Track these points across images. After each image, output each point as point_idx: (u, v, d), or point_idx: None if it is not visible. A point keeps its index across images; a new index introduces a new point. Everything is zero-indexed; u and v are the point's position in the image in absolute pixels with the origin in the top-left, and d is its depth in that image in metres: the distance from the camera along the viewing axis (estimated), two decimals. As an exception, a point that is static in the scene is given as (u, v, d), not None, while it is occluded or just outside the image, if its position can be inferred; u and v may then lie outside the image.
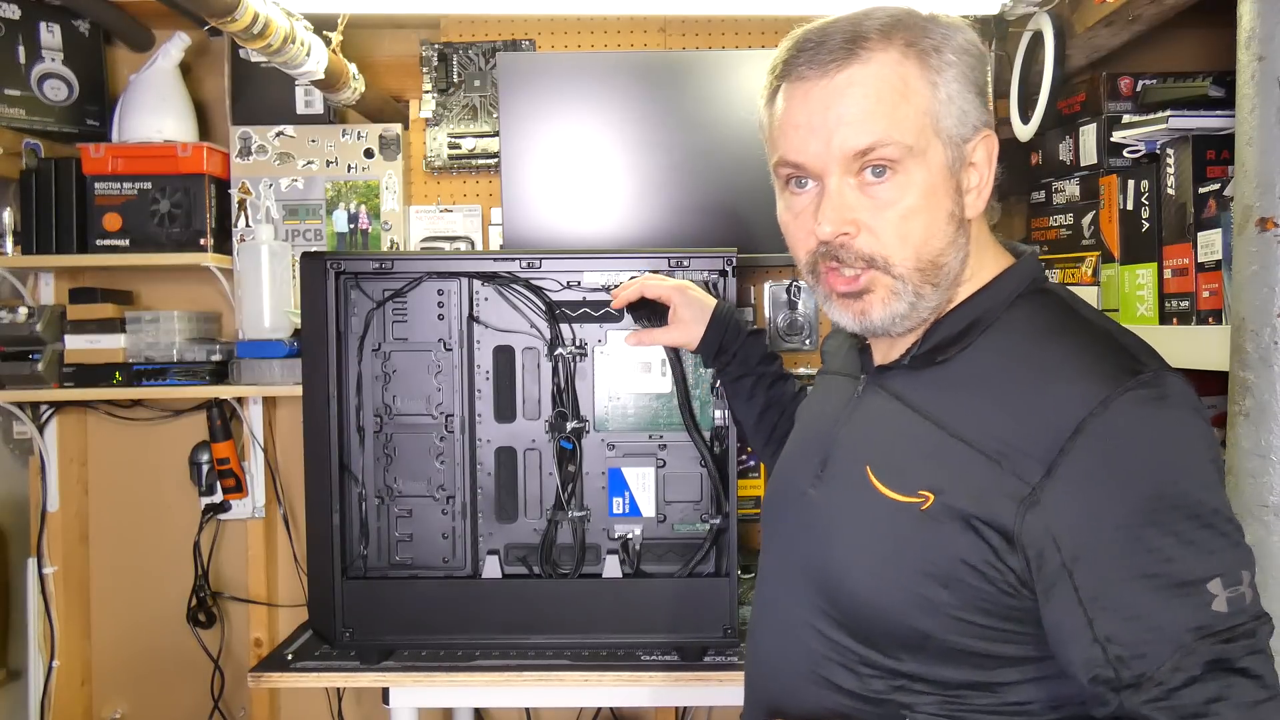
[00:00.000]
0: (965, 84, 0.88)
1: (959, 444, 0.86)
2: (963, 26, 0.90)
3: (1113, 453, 0.79)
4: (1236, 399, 1.04)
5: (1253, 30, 1.02)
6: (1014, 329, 0.90)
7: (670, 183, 1.97)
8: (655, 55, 2.08)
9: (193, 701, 2.25)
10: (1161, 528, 0.77)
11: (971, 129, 0.89)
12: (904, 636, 0.88)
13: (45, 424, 2.17)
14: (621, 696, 1.79)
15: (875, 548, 0.90)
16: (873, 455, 0.93)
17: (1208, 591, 0.76)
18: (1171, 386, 0.81)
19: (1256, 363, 1.01)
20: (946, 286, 0.91)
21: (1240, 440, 1.03)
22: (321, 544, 1.60)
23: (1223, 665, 0.75)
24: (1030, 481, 0.80)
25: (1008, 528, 0.82)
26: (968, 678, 0.87)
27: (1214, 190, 1.30)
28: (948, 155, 0.88)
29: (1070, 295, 0.93)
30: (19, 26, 2.02)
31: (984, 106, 0.90)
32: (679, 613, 1.59)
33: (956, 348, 0.91)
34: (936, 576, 0.85)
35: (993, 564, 0.83)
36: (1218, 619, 0.76)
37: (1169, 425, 0.80)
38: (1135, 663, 0.77)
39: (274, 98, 2.11)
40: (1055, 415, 0.81)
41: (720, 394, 1.60)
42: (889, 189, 0.87)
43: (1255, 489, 1.01)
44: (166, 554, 2.23)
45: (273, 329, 2.02)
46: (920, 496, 0.87)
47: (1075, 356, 0.84)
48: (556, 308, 1.64)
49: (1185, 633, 0.76)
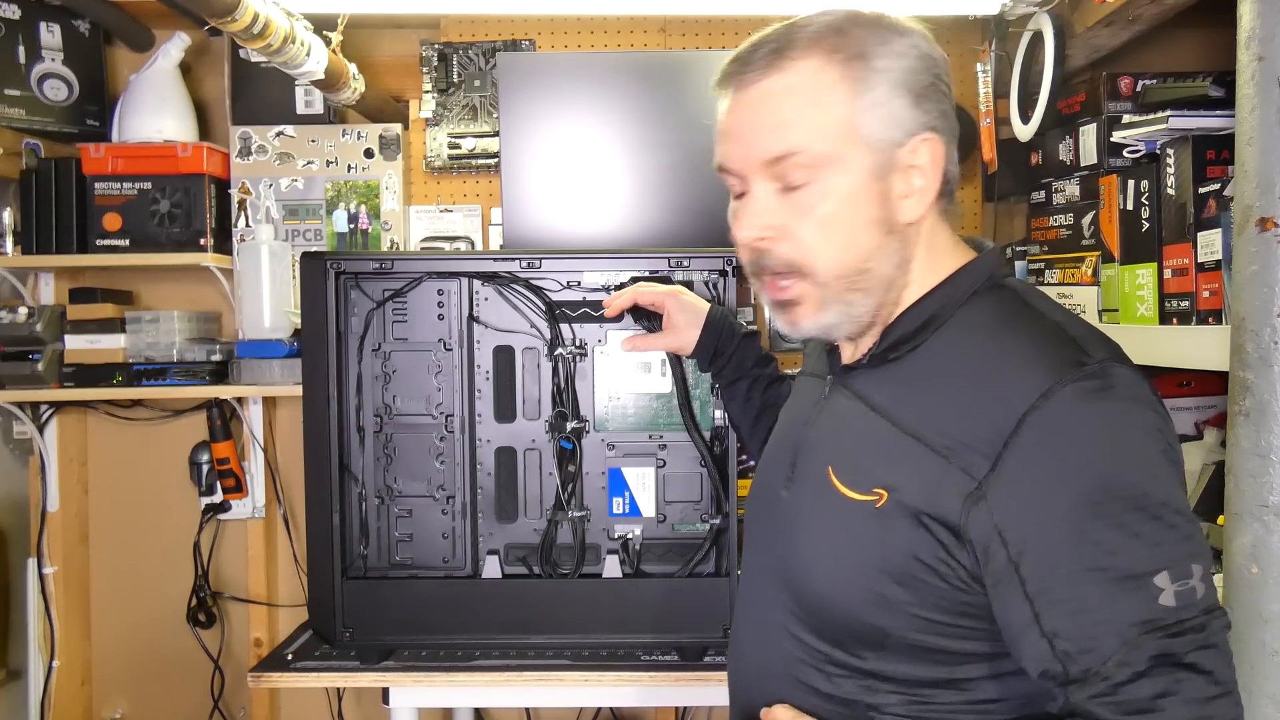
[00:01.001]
0: (895, 89, 0.86)
1: (911, 441, 0.86)
2: (906, 30, 0.89)
3: (1054, 445, 0.78)
4: (1236, 399, 1.04)
5: (1253, 30, 1.02)
6: (967, 325, 0.89)
7: (670, 183, 1.97)
8: (655, 55, 2.08)
9: (193, 701, 2.25)
10: (1105, 520, 0.76)
11: (904, 133, 0.87)
12: (865, 634, 0.89)
13: (45, 424, 2.17)
14: (621, 696, 1.79)
15: (835, 547, 0.91)
16: (834, 455, 0.93)
17: (1154, 585, 0.75)
18: (1117, 377, 0.80)
19: (1256, 363, 1.01)
20: (881, 291, 0.90)
21: (1240, 440, 1.03)
22: (321, 544, 1.60)
23: (1170, 660, 0.75)
24: (976, 476, 0.80)
25: (955, 523, 0.82)
26: (931, 675, 0.87)
27: (1214, 190, 1.30)
28: (871, 162, 0.87)
29: (1028, 290, 0.93)
30: (19, 26, 2.02)
31: (924, 110, 0.88)
32: (679, 613, 1.59)
33: (910, 345, 0.91)
34: (892, 574, 0.86)
35: (944, 560, 0.83)
36: (1165, 613, 0.75)
37: (1111, 416, 0.79)
38: (1081, 657, 0.76)
39: (274, 98, 2.11)
40: (999, 409, 0.81)
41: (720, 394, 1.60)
42: (807, 195, 0.87)
43: (1255, 489, 1.01)
44: (166, 554, 2.23)
45: (273, 329, 2.02)
46: (875, 495, 0.87)
47: (1021, 350, 0.84)
48: (556, 308, 1.64)
49: (1130, 627, 0.75)
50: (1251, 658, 1.01)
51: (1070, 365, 0.80)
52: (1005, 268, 0.95)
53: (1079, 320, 0.89)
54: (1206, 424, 1.64)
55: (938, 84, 0.90)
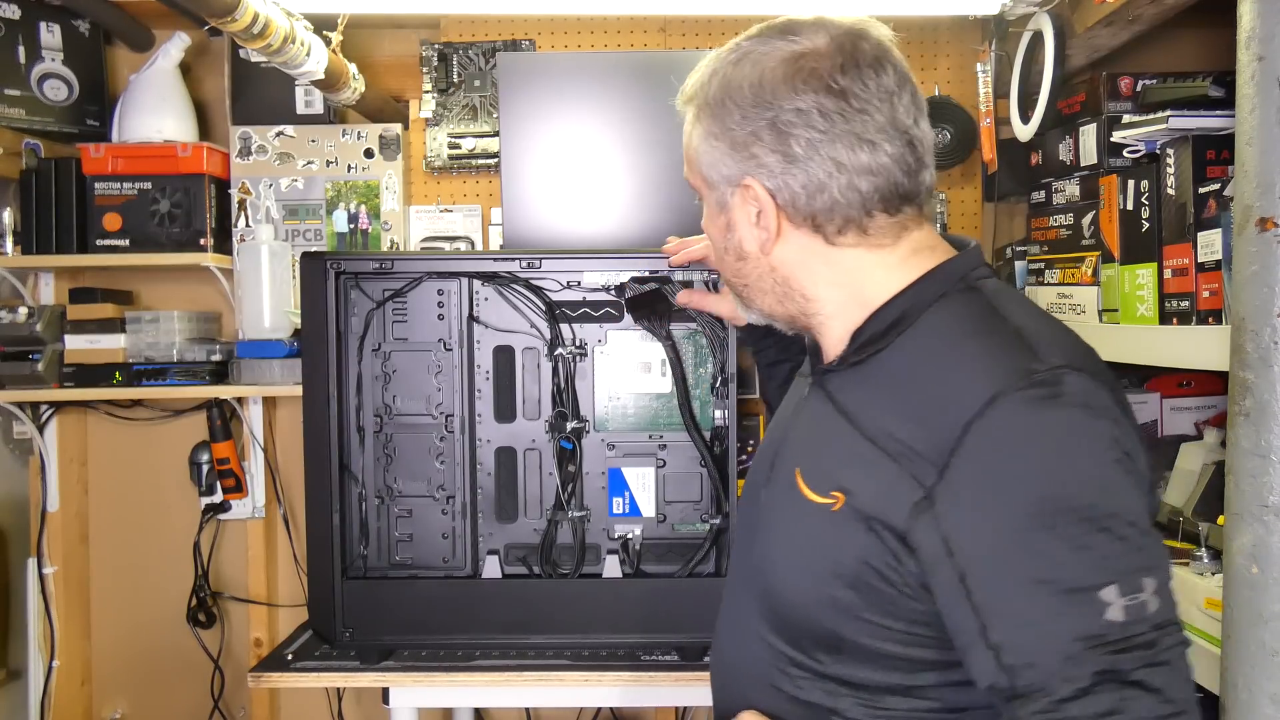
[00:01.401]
0: (716, 137, 0.92)
1: (868, 444, 0.85)
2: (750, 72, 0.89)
3: (997, 454, 0.77)
4: (1236, 399, 1.04)
5: (1253, 30, 1.02)
6: (930, 328, 0.88)
7: (670, 183, 1.96)
8: (655, 55, 2.08)
9: (193, 701, 2.25)
10: (1050, 532, 0.75)
11: (727, 177, 0.93)
12: (823, 638, 0.89)
13: (45, 424, 2.17)
14: (621, 696, 1.79)
15: (796, 549, 0.92)
16: (803, 457, 0.94)
17: (1100, 600, 0.73)
18: (1067, 385, 0.78)
19: (1256, 363, 1.01)
20: (775, 302, 0.97)
21: (1240, 440, 1.03)
22: (321, 544, 1.60)
23: (1116, 677, 0.72)
24: (925, 484, 0.79)
25: (902, 530, 0.81)
26: (888, 681, 0.87)
27: (1214, 190, 1.30)
28: (714, 198, 0.97)
29: (999, 292, 0.91)
30: (19, 26, 2.02)
31: (743, 157, 0.90)
32: (679, 613, 1.59)
33: (876, 348, 0.90)
34: (844, 578, 0.85)
35: (893, 567, 0.82)
36: (1111, 628, 0.73)
37: (1057, 425, 0.77)
38: (1026, 672, 0.74)
39: (274, 98, 2.11)
40: (947, 416, 0.79)
41: (720, 394, 1.60)
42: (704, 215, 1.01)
43: (1255, 489, 1.01)
44: (166, 554, 2.23)
45: (273, 329, 2.02)
46: (833, 498, 0.87)
47: (974, 356, 0.83)
48: (556, 308, 1.64)
49: (1074, 641, 0.73)
50: (1251, 658, 1.01)
51: (1018, 372, 0.79)
52: (982, 269, 0.93)
53: (1047, 324, 0.87)
54: (1206, 424, 1.64)
55: (772, 131, 0.88)
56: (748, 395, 2.09)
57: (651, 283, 1.60)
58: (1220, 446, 1.44)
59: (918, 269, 0.91)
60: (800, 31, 0.89)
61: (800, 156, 0.88)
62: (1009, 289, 0.93)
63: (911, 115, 0.89)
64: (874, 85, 0.87)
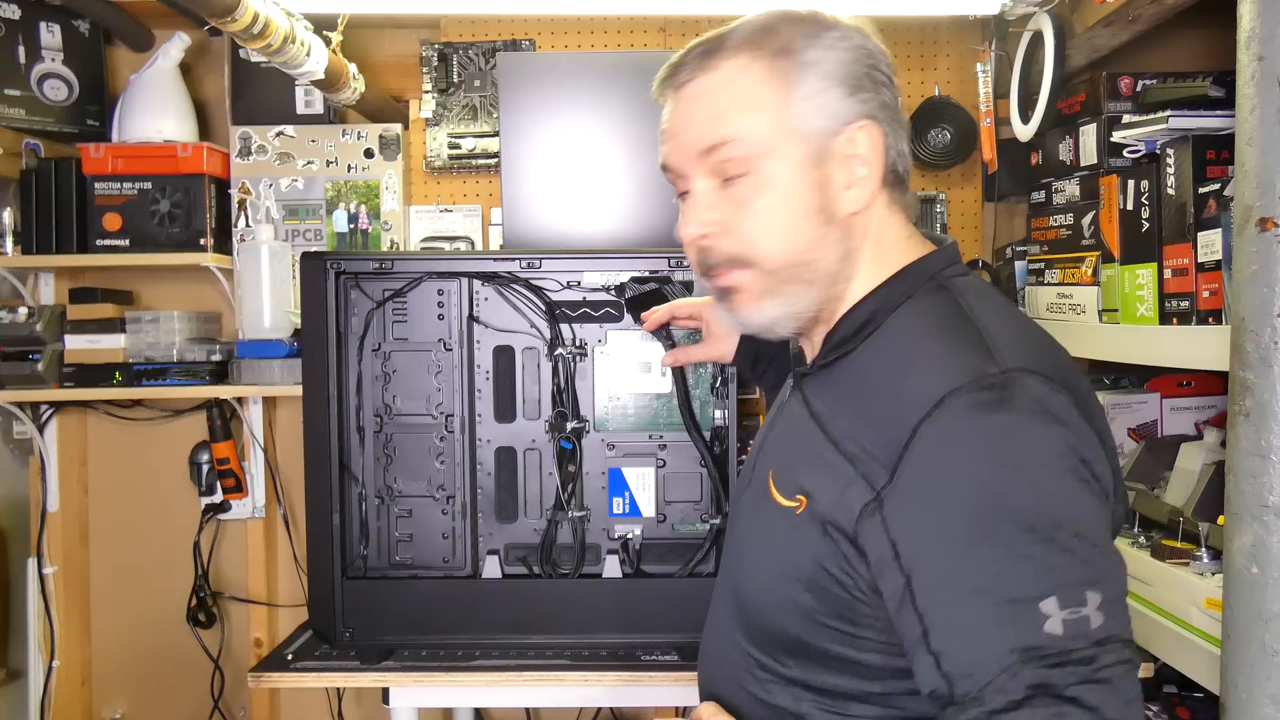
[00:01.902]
0: (827, 80, 0.87)
1: (831, 447, 0.85)
2: (838, 24, 0.89)
3: (942, 458, 0.76)
4: (1236, 399, 1.04)
5: (1253, 30, 1.02)
6: (896, 330, 0.87)
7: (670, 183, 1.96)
8: (655, 55, 2.08)
9: (193, 701, 2.25)
10: (993, 540, 0.73)
11: (839, 122, 0.87)
12: (785, 641, 0.88)
13: (45, 424, 2.17)
14: (621, 696, 1.79)
15: (763, 552, 0.91)
16: (776, 460, 0.93)
17: (1040, 611, 0.71)
18: (1020, 389, 0.77)
19: (1256, 363, 1.01)
20: (825, 284, 0.89)
21: (1240, 440, 1.03)
22: (321, 544, 1.60)
23: (1049, 691, 0.70)
24: (875, 486, 0.79)
25: (853, 534, 0.80)
26: (850, 687, 0.86)
27: (1214, 190, 1.30)
28: (807, 151, 0.87)
29: (970, 290, 0.89)
30: (19, 26, 2.02)
31: (859, 99, 0.87)
32: (679, 613, 1.59)
33: (846, 349, 0.89)
34: (802, 581, 0.85)
35: (846, 570, 0.82)
36: (1050, 641, 0.71)
37: (1003, 430, 0.76)
38: (962, 680, 0.73)
39: (274, 98, 2.11)
40: (898, 418, 0.78)
41: (720, 394, 1.60)
42: (745, 188, 0.87)
43: (1255, 489, 1.01)
44: (166, 554, 2.23)
45: (273, 329, 2.02)
46: (796, 501, 0.86)
47: (929, 358, 0.82)
48: (556, 308, 1.64)
49: (1010, 653, 0.71)
50: (1252, 658, 1.01)
51: (968, 374, 0.77)
52: (955, 266, 0.92)
53: (1015, 324, 0.86)
54: (1206, 424, 1.64)
55: (874, 74, 0.89)
56: (748, 395, 2.09)
57: (651, 283, 1.60)
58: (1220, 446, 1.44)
59: (897, 261, 0.91)
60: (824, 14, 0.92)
61: (888, 101, 0.90)
62: (982, 287, 0.91)
63: None
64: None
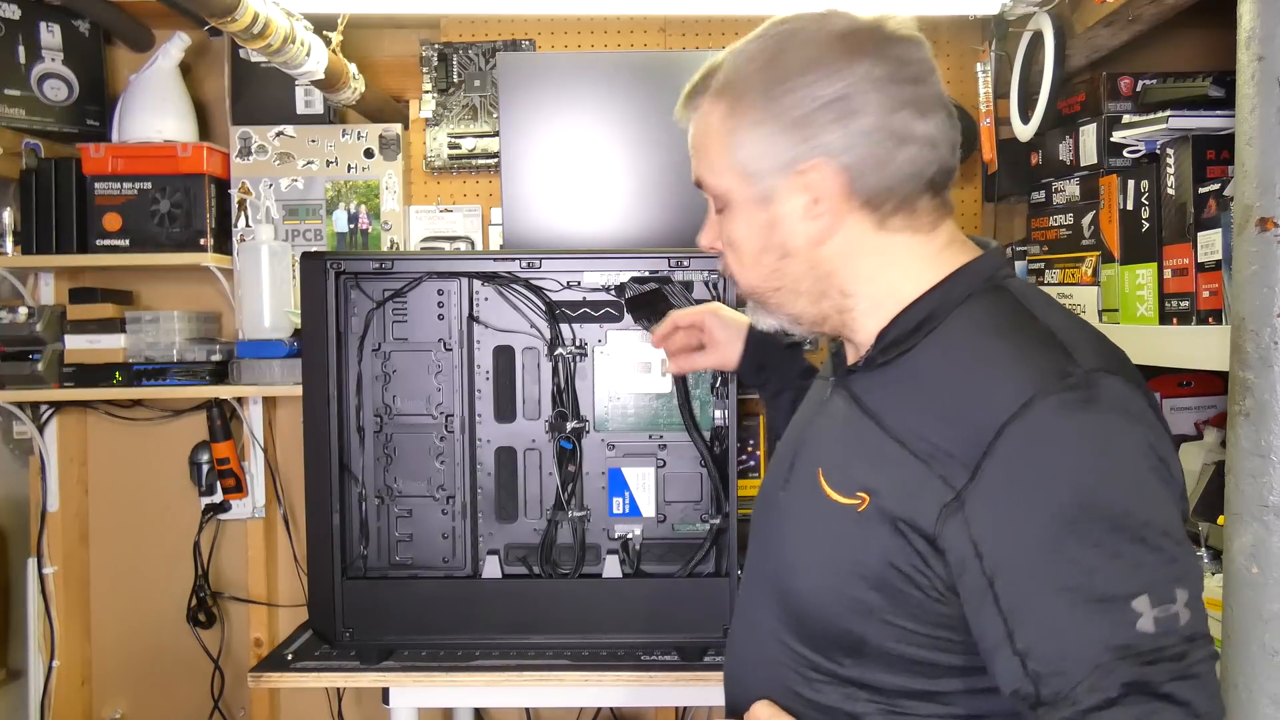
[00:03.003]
0: (772, 124, 0.87)
1: (895, 445, 0.84)
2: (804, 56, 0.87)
3: (1032, 458, 0.76)
4: (1236, 399, 1.04)
5: (1253, 30, 1.02)
6: (960, 328, 0.87)
7: (670, 183, 1.97)
8: (655, 55, 2.08)
9: (193, 701, 2.25)
10: (1083, 538, 0.73)
11: (781, 164, 0.88)
12: (843, 641, 0.88)
13: (45, 424, 2.17)
14: (621, 696, 1.79)
15: (817, 550, 0.91)
16: (825, 457, 0.93)
17: (1132, 609, 0.72)
18: (1104, 389, 0.77)
19: (1256, 363, 1.01)
20: (811, 301, 0.93)
21: (1240, 440, 1.03)
22: (321, 544, 1.60)
23: (1144, 689, 0.71)
24: (955, 486, 0.78)
25: (931, 532, 0.80)
26: (910, 686, 0.86)
27: (1214, 190, 1.30)
28: (753, 193, 0.90)
29: (1027, 291, 0.90)
30: (19, 26, 2.02)
31: (802, 137, 0.86)
32: (679, 613, 1.59)
33: (903, 348, 0.89)
34: (868, 579, 0.85)
35: (919, 569, 0.82)
36: (1142, 639, 0.71)
37: (1092, 430, 0.76)
38: (1052, 679, 0.73)
39: (274, 98, 2.11)
40: (980, 418, 0.78)
41: (720, 394, 1.60)
42: (724, 220, 0.95)
43: (1255, 489, 1.01)
44: (166, 554, 2.23)
45: (273, 329, 2.02)
46: (858, 498, 0.86)
47: (1007, 357, 0.81)
48: (556, 308, 1.64)
49: (1104, 651, 0.72)
50: (1252, 658, 1.01)
51: (1054, 375, 0.78)
52: (1007, 268, 0.93)
53: (1078, 325, 0.87)
54: (1206, 424, 1.64)
55: (839, 103, 0.86)
56: (748, 395, 2.09)
57: (651, 283, 1.60)
58: (1220, 446, 1.44)
59: (948, 264, 0.90)
60: (828, 17, 0.90)
61: (864, 129, 0.86)
62: (1035, 289, 0.92)
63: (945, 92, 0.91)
64: (919, 56, 0.88)
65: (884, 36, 0.88)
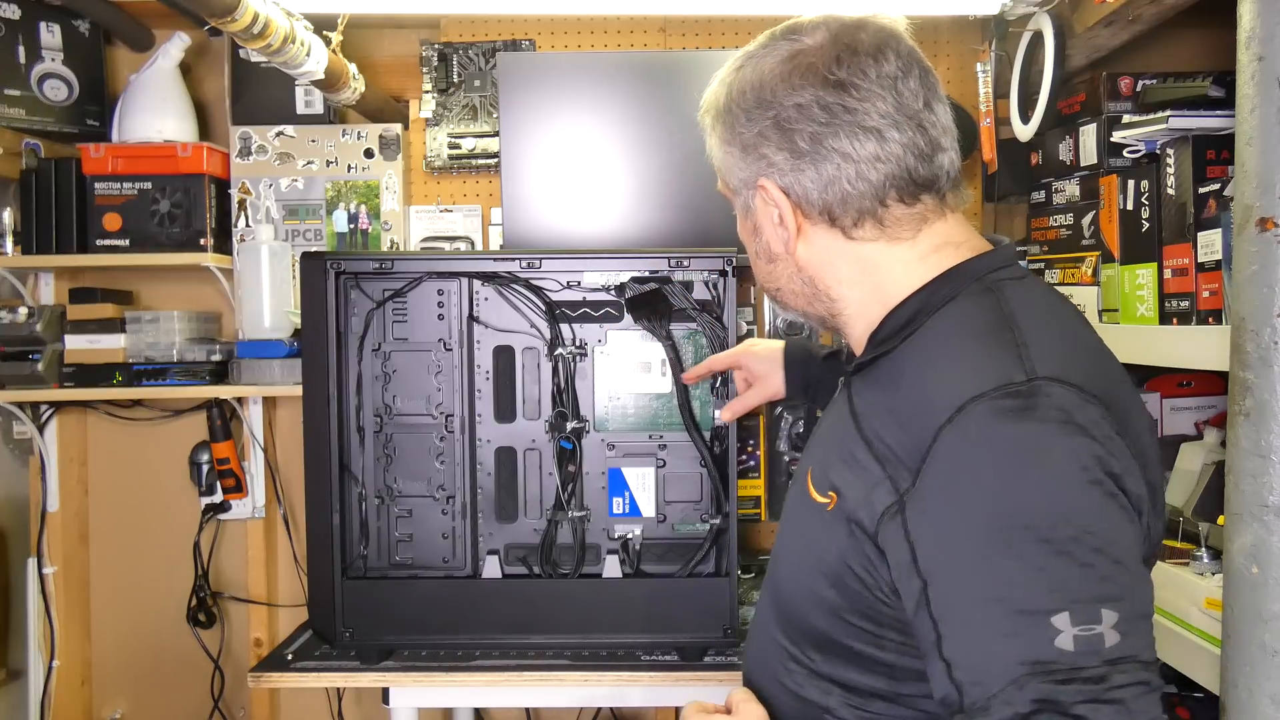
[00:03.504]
0: (733, 144, 0.94)
1: (864, 446, 0.85)
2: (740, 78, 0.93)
3: (960, 464, 0.76)
4: (1236, 399, 1.04)
5: (1253, 30, 1.02)
6: (936, 330, 0.87)
7: (670, 183, 1.97)
8: (655, 55, 2.08)
9: (193, 701, 2.25)
10: (1008, 550, 0.72)
11: (745, 181, 0.95)
12: (814, 635, 0.90)
13: (45, 424, 2.17)
14: (621, 696, 1.79)
15: (796, 547, 0.95)
16: (816, 457, 0.95)
17: (1051, 625, 0.70)
18: (1045, 398, 0.76)
19: (1256, 363, 1.01)
20: (805, 302, 0.97)
21: (1240, 440, 1.03)
22: (321, 544, 1.60)
23: (1055, 708, 0.69)
24: (899, 489, 0.79)
25: (874, 534, 0.81)
26: (873, 685, 0.87)
27: (1214, 190, 1.30)
28: (739, 203, 0.98)
29: (1017, 292, 0.87)
30: (19, 26, 2.02)
31: (753, 159, 0.92)
32: (679, 613, 1.59)
33: (887, 348, 0.89)
34: (828, 576, 0.87)
35: (868, 569, 0.83)
36: (1059, 656, 0.70)
37: (1025, 439, 0.75)
38: (972, 689, 0.73)
39: (274, 98, 2.11)
40: (924, 421, 0.78)
41: (720, 394, 1.60)
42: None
43: (1255, 489, 1.01)
44: (166, 554, 2.23)
45: (273, 329, 2.02)
46: (829, 497, 0.88)
47: (961, 361, 0.81)
48: (556, 308, 1.64)
49: (1018, 665, 0.70)
50: (1252, 658, 1.01)
51: (993, 380, 0.77)
52: (1010, 268, 0.90)
53: (1059, 332, 0.85)
54: (1206, 424, 1.64)
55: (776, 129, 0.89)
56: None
57: (651, 283, 1.60)
58: (1220, 446, 1.44)
59: (937, 266, 0.90)
60: (801, 31, 0.91)
61: (806, 151, 0.89)
62: (1036, 291, 0.90)
63: (920, 99, 0.89)
64: (874, 73, 0.88)
65: (834, 57, 0.88)
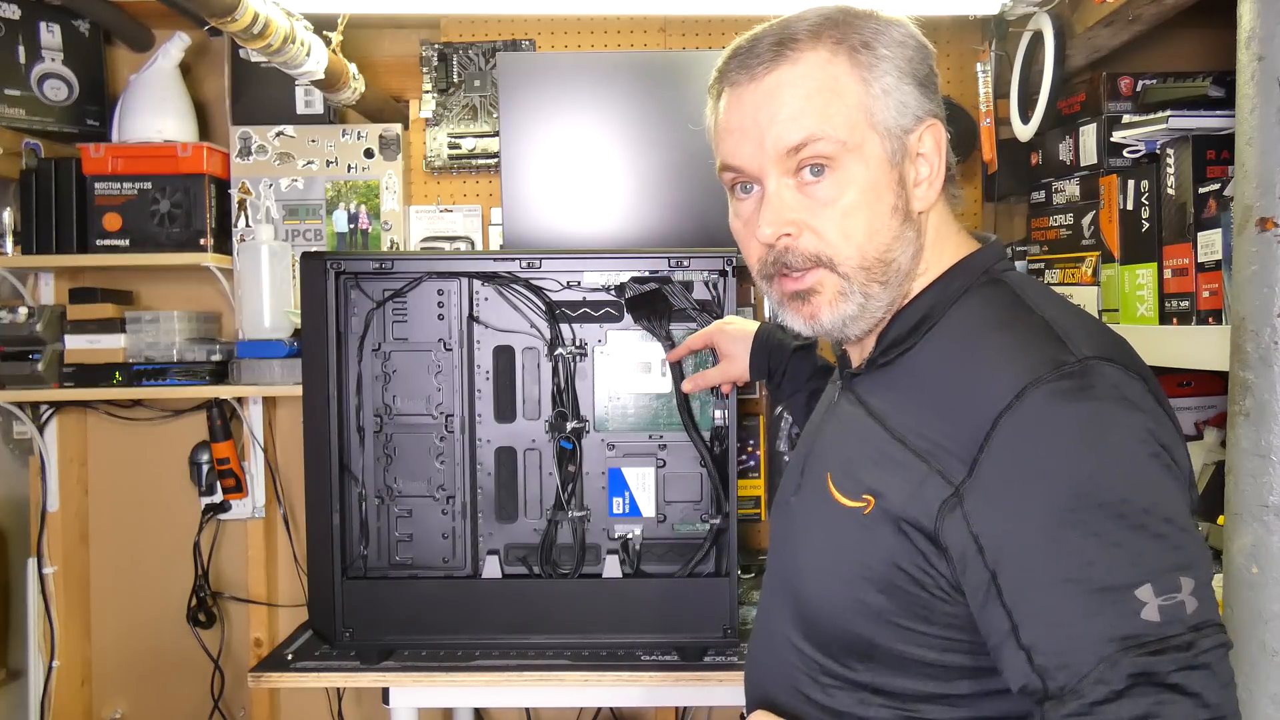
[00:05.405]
0: (902, 76, 0.87)
1: (897, 445, 0.84)
2: (900, 21, 0.90)
3: (1026, 449, 0.76)
4: (1236, 399, 1.04)
5: (1253, 30, 1.02)
6: (957, 324, 0.87)
7: (670, 183, 1.97)
8: (655, 55, 2.08)
9: (193, 701, 2.25)
10: (1082, 529, 0.72)
11: (913, 119, 0.88)
12: (853, 644, 0.87)
13: (45, 424, 2.17)
14: (621, 696, 1.79)
15: (827, 555, 0.90)
16: (834, 462, 0.93)
17: (1135, 599, 0.70)
18: (1098, 376, 0.77)
19: (1256, 363, 1.01)
20: (898, 283, 0.89)
21: (1240, 440, 1.03)
22: (321, 544, 1.59)
23: (1151, 680, 0.69)
24: (954, 482, 0.78)
25: (931, 529, 0.80)
26: (922, 689, 0.85)
27: (1214, 190, 1.30)
28: (887, 148, 0.86)
29: (1025, 283, 0.90)
30: (19, 26, 2.02)
31: (927, 96, 0.89)
32: (679, 613, 1.59)
33: (903, 348, 0.89)
34: (874, 582, 0.84)
35: (924, 568, 0.81)
36: (1147, 628, 0.70)
37: (1087, 418, 0.75)
38: (1058, 673, 0.72)
39: (274, 98, 2.11)
40: (975, 412, 0.78)
41: (719, 394, 1.60)
42: (827, 187, 0.86)
43: (1255, 489, 1.01)
44: (166, 554, 2.23)
45: (273, 329, 2.02)
46: (864, 501, 0.85)
47: (1001, 350, 0.81)
48: (556, 308, 1.64)
49: (1108, 642, 0.70)
50: (1252, 658, 1.01)
51: (1047, 364, 0.77)
52: (1005, 262, 0.93)
53: (1076, 315, 0.86)
54: (1206, 424, 1.64)
55: (933, 73, 0.91)
56: (747, 395, 2.09)
57: (651, 283, 1.60)
58: (1220, 446, 1.44)
59: (950, 258, 0.92)
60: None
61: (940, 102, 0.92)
62: (1033, 281, 0.92)
63: None
64: None
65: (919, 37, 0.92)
